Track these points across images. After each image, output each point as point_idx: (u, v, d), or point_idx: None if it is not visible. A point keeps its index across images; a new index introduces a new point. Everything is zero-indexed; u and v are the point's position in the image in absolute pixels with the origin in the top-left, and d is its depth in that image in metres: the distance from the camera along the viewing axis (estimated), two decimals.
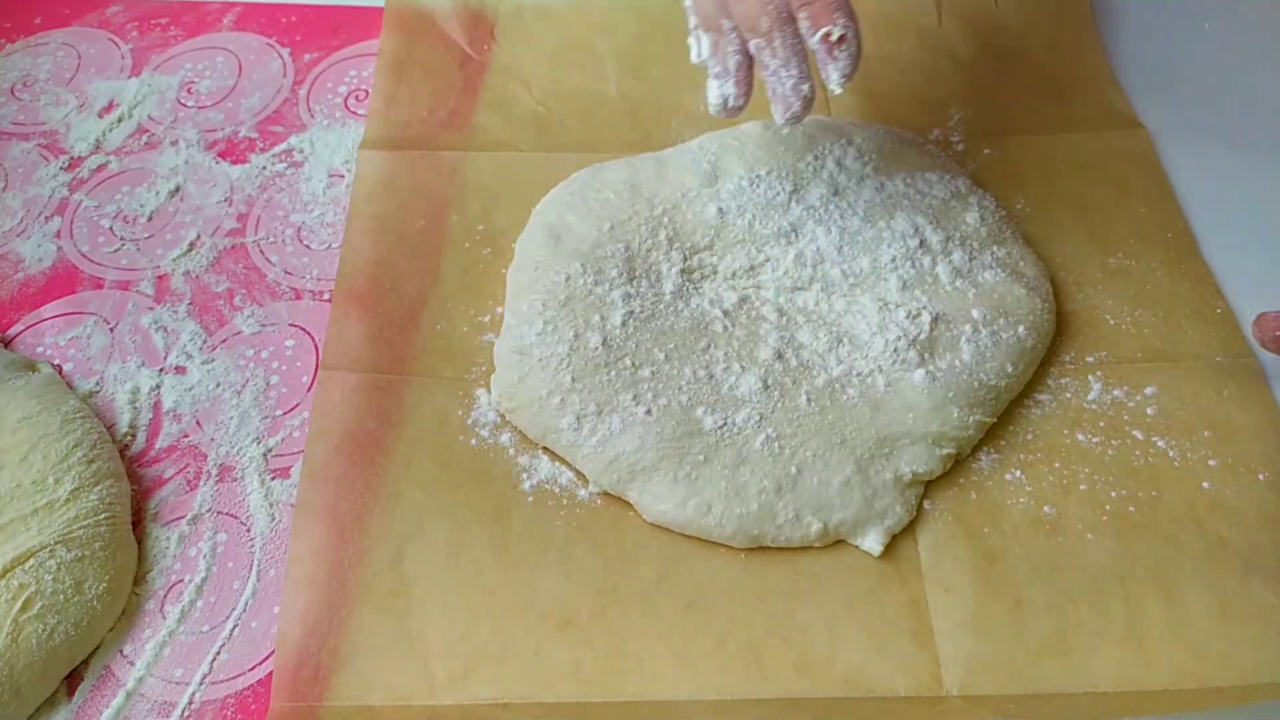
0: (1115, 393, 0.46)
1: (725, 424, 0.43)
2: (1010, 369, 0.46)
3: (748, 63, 0.44)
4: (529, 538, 0.42)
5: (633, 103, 0.56)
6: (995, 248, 0.50)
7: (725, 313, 0.46)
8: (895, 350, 0.45)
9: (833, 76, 0.43)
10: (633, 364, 0.44)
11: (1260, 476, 0.44)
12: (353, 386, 0.45)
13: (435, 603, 0.40)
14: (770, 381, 0.44)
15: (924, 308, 0.46)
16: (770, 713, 0.38)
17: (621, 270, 0.47)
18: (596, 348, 0.44)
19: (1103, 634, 0.40)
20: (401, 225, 0.51)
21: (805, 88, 0.43)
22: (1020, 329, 0.47)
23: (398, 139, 0.54)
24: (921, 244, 0.49)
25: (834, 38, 0.42)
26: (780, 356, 0.45)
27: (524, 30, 0.60)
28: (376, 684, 0.38)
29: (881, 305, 0.47)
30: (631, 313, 0.45)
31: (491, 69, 0.58)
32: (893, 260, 0.48)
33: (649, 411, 0.43)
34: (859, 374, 0.45)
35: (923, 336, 0.45)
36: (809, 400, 0.44)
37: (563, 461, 0.44)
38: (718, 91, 0.44)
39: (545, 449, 0.45)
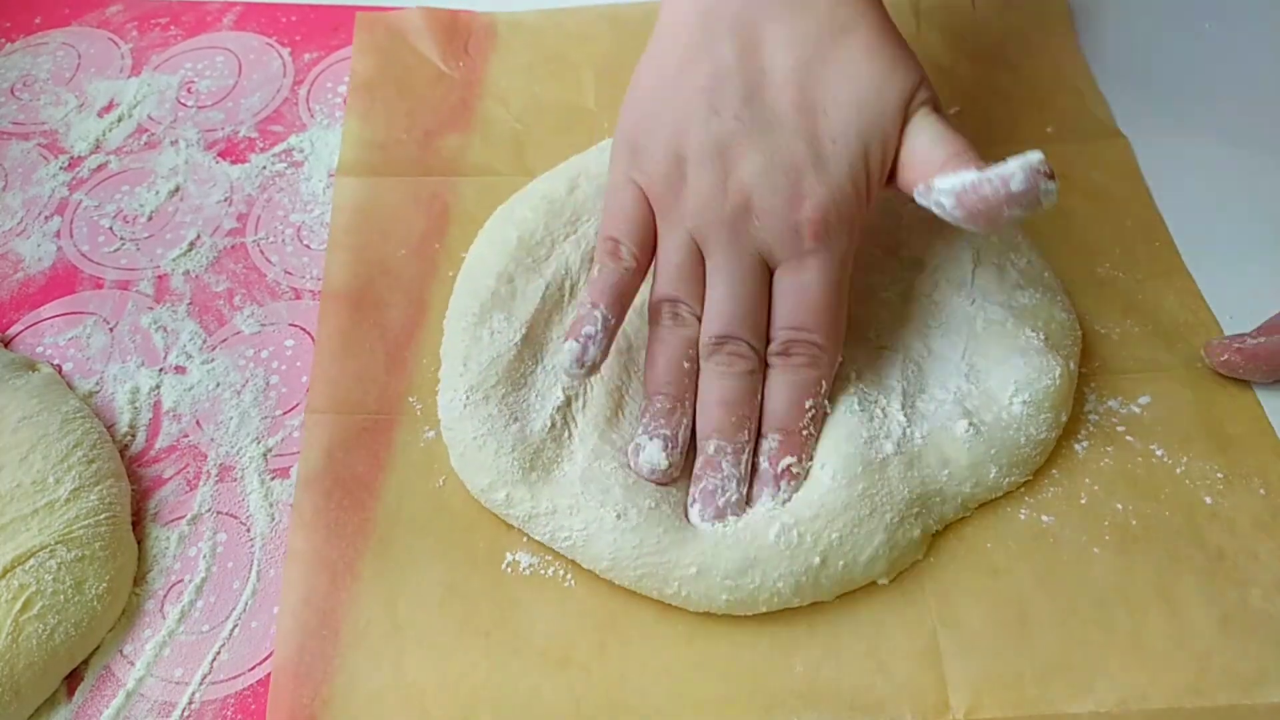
0: (1110, 403, 0.46)
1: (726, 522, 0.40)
2: (1064, 418, 0.44)
3: (690, 428, 0.42)
4: (524, 577, 0.41)
5: (612, 114, 0.55)
6: (1014, 255, 0.48)
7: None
8: (938, 403, 0.43)
9: (764, 498, 0.41)
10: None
11: (1260, 491, 0.43)
12: (339, 429, 0.44)
13: (430, 646, 0.39)
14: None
15: (963, 351, 0.44)
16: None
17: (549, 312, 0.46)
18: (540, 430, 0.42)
19: (1107, 649, 0.39)
20: (384, 255, 0.50)
21: (736, 501, 0.41)
22: (1071, 364, 0.45)
23: (375, 164, 0.54)
24: (939, 266, 0.47)
25: (793, 471, 0.41)
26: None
27: (498, 44, 0.59)
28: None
29: (905, 349, 0.45)
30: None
31: (466, 84, 0.57)
32: (910, 291, 0.47)
33: (619, 516, 0.40)
34: (895, 428, 0.42)
35: (967, 394, 0.43)
36: (833, 476, 0.41)
37: None
38: (654, 455, 0.41)
39: None
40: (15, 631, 0.38)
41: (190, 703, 0.39)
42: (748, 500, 0.41)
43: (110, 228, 0.53)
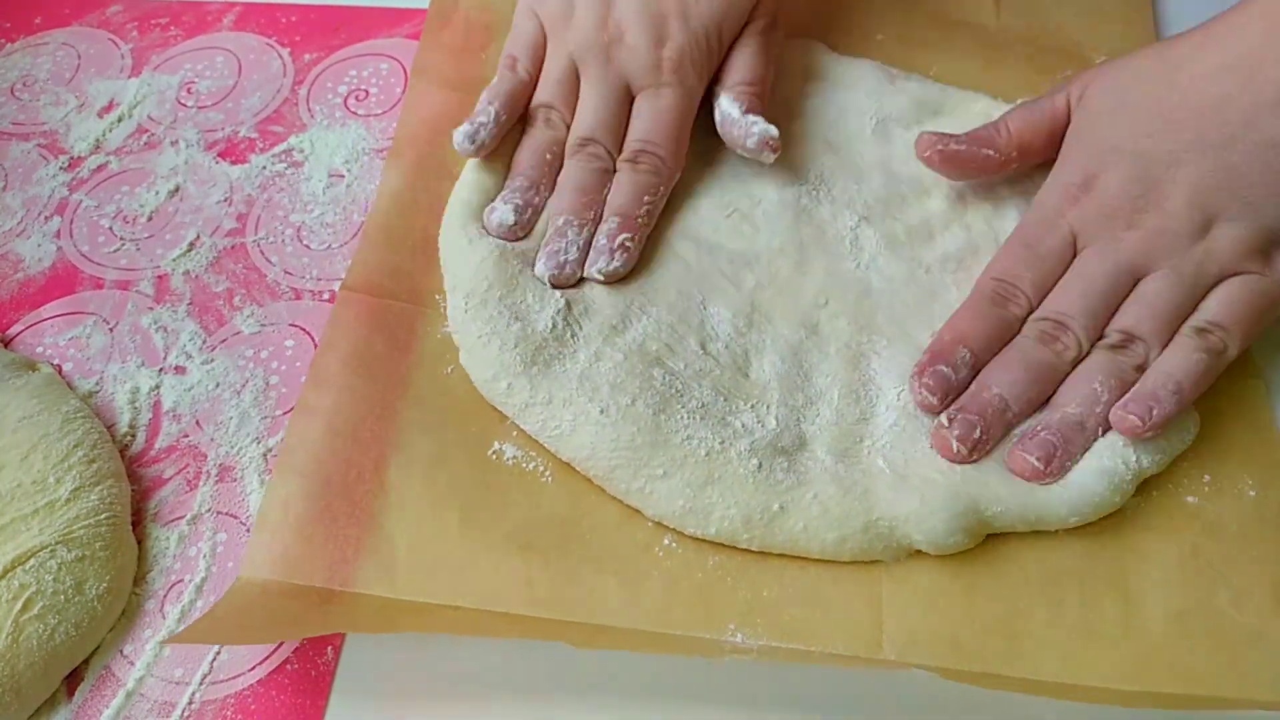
0: None
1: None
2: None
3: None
4: (506, 465, 0.43)
5: None
6: None
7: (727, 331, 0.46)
8: None
9: (599, 265, 0.46)
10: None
11: (1250, 494, 0.43)
12: (368, 309, 0.47)
13: (409, 509, 0.42)
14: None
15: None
16: (707, 649, 0.39)
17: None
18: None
19: (1052, 625, 0.39)
20: (440, 164, 0.52)
21: (575, 261, 0.47)
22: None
23: (448, 77, 0.55)
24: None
25: (627, 246, 0.47)
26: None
27: None
28: (340, 572, 0.40)
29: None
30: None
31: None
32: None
33: (603, 411, 0.43)
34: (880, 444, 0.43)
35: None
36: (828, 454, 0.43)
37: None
38: (504, 213, 0.47)
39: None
40: (15, 631, 0.38)
41: (190, 703, 0.40)
42: (582, 268, 0.47)
43: (110, 228, 0.53)
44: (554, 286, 0.46)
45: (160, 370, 0.48)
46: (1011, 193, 0.50)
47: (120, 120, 0.57)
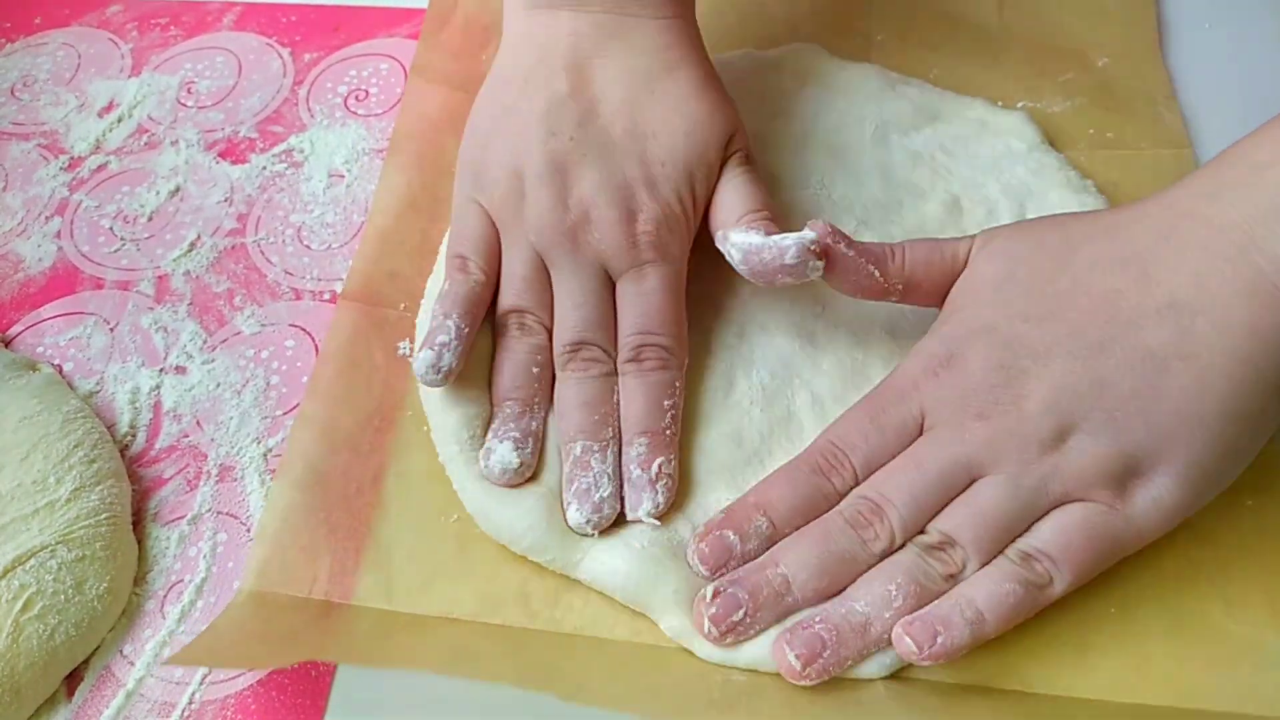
0: None
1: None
2: None
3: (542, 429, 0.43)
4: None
5: None
6: None
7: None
8: None
9: (645, 507, 0.41)
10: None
11: (1247, 502, 0.42)
12: (367, 318, 0.47)
13: (406, 521, 0.42)
14: None
15: None
16: (697, 669, 0.39)
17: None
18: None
19: (1047, 638, 0.39)
20: (441, 166, 0.52)
21: (610, 496, 0.41)
22: None
23: (448, 73, 0.55)
24: None
25: (666, 471, 0.41)
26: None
27: None
28: (339, 584, 0.40)
29: None
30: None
31: None
32: None
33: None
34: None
35: None
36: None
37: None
38: (505, 455, 0.41)
39: None
40: (15, 631, 0.38)
41: (190, 703, 0.40)
42: (624, 509, 0.41)
43: (110, 228, 0.53)
44: (595, 532, 0.40)
45: (161, 370, 0.48)
46: (1005, 197, 0.50)
47: (120, 120, 0.57)
